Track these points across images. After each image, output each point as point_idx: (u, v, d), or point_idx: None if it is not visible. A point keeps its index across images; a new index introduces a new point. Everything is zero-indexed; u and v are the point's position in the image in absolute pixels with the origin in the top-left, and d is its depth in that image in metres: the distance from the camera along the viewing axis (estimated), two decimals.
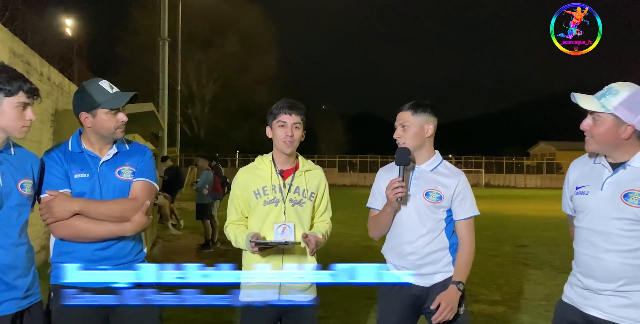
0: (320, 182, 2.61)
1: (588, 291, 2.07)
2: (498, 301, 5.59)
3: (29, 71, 6.71)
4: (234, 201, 2.56)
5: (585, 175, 2.14)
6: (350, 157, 49.54)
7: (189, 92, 43.50)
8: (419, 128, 2.52)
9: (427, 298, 2.49)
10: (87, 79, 8.71)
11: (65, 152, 2.29)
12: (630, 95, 1.94)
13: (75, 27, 23.44)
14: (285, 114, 2.49)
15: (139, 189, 2.28)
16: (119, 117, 2.26)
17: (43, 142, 7.28)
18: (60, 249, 2.24)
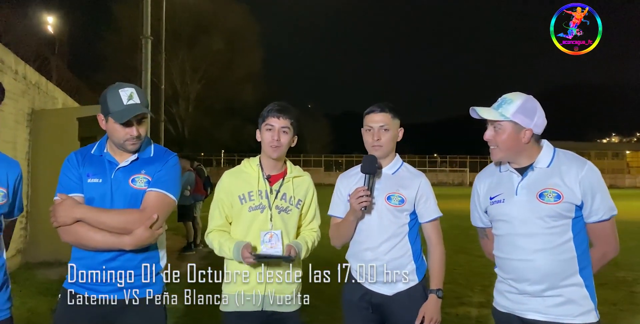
0: (308, 189, 2.51)
1: (523, 296, 2.11)
2: (483, 303, 5.54)
3: (3, 69, 6.50)
4: (218, 205, 2.45)
5: (495, 185, 2.23)
6: (336, 156, 49.61)
7: (173, 90, 43.06)
8: (396, 132, 2.47)
9: (389, 307, 2.40)
10: (65, 77, 8.50)
11: (85, 155, 2.21)
12: (523, 102, 2.10)
13: (54, 25, 23.02)
14: (273, 117, 2.39)
15: (150, 200, 2.15)
16: (128, 131, 2.14)
17: (18, 143, 7.06)
18: (74, 254, 2.19)
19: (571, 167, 2.09)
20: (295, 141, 2.47)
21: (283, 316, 2.39)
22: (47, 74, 9.37)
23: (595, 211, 2.08)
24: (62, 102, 9.99)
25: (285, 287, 2.37)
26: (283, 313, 2.39)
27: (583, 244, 2.10)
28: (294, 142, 2.47)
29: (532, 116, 2.10)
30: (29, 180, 7.50)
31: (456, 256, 8.51)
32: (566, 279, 2.05)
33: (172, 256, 8.39)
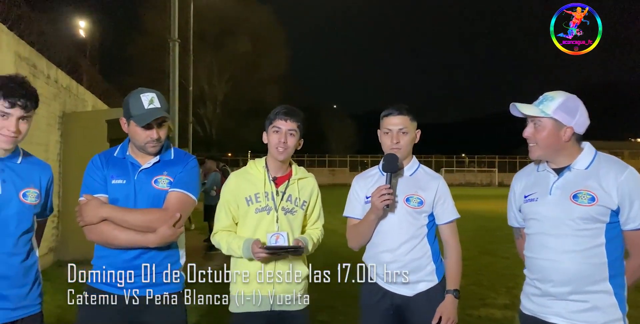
0: (312, 191, 2.55)
1: (547, 298, 2.08)
2: (507, 305, 5.47)
3: (36, 74, 6.73)
4: (224, 206, 2.48)
5: (531, 184, 2.20)
6: (362, 156, 49.41)
7: (201, 92, 43.69)
8: (414, 135, 2.48)
9: (409, 307, 2.42)
10: (94, 80, 8.73)
11: (109, 157, 2.30)
12: (565, 100, 2.07)
13: (85, 29, 23.61)
14: (280, 119, 2.43)
15: (172, 200, 2.24)
16: (149, 134, 2.23)
17: (50, 145, 7.30)
18: (97, 252, 2.27)
19: (610, 170, 2.03)
20: (301, 143, 2.50)
21: (291, 314, 2.42)
22: (78, 78, 9.65)
23: (632, 218, 2.01)
24: (92, 105, 10.27)
25: (292, 286, 2.40)
26: (291, 311, 2.42)
27: (617, 251, 2.04)
28: (300, 145, 2.50)
29: (574, 114, 2.06)
30: (60, 181, 7.74)
31: (481, 258, 8.43)
32: (594, 284, 2.00)
33: (199, 255, 8.54)
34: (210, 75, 45.58)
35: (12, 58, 5.90)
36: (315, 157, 47.91)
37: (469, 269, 7.23)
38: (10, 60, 5.83)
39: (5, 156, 2.10)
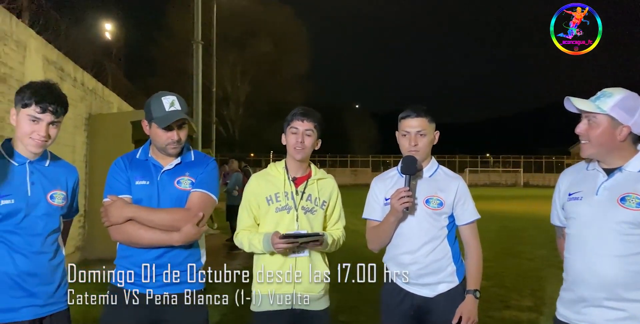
0: (332, 191, 2.56)
1: (582, 305, 2.00)
2: (530, 307, 5.41)
3: (63, 77, 6.90)
4: (246, 206, 2.54)
5: (577, 182, 2.10)
6: (384, 156, 49.21)
7: (224, 93, 44.10)
8: (433, 136, 2.47)
9: (430, 308, 2.41)
10: (120, 82, 8.93)
11: (132, 159, 2.36)
12: (624, 97, 1.97)
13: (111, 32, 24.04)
14: (297, 120, 2.47)
15: (194, 200, 2.29)
16: (169, 135, 2.28)
17: (77, 146, 7.47)
18: (120, 252, 2.32)
19: None
20: (319, 144, 2.53)
21: (312, 314, 2.44)
22: (103, 80, 9.86)
23: None
24: (117, 107, 10.47)
25: (312, 286, 2.42)
26: (312, 311, 2.44)
27: None
28: (318, 145, 2.53)
29: (633, 113, 1.95)
30: (86, 181, 7.92)
31: (504, 259, 8.32)
32: (633, 292, 1.90)
33: (221, 254, 8.64)
34: (233, 77, 45.96)
35: (40, 62, 6.06)
36: (337, 157, 47.91)
37: (492, 271, 7.14)
38: (39, 64, 6.00)
39: (34, 159, 2.16)
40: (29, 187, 2.12)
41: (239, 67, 45.34)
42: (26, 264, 2.08)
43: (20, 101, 2.08)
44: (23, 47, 5.52)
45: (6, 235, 2.06)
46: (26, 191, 2.11)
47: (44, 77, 6.07)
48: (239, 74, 46.01)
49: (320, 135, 2.52)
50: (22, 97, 2.07)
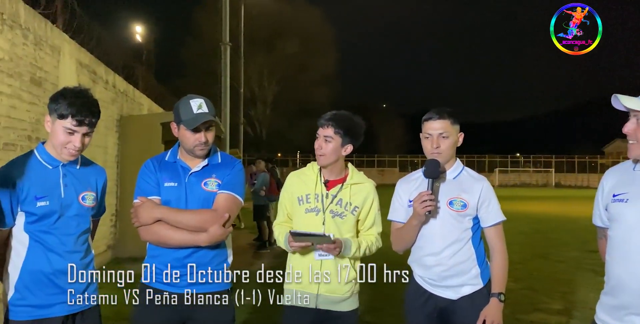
0: (367, 197, 2.53)
1: (623, 312, 1.91)
2: (561, 310, 5.31)
3: (95, 80, 7.09)
4: (282, 202, 2.62)
5: (624, 183, 2.00)
6: (412, 156, 48.87)
7: (251, 94, 44.48)
8: (456, 138, 2.44)
9: (453, 311, 2.40)
10: (151, 84, 9.07)
11: (161, 161, 2.41)
12: None
13: (141, 34, 24.52)
14: (320, 126, 2.50)
15: (221, 201, 2.33)
16: (197, 137, 2.32)
17: (109, 147, 7.66)
18: (150, 252, 2.38)
19: None
20: (346, 150, 2.50)
21: (338, 314, 2.46)
22: (134, 82, 10.07)
23: None
24: (148, 108, 10.68)
25: (337, 287, 2.44)
26: (338, 312, 2.46)
27: None
28: (346, 151, 2.50)
29: None
30: (117, 181, 8.11)
31: (534, 261, 8.18)
32: None
33: (248, 254, 8.73)
34: (261, 77, 46.31)
35: (74, 65, 6.24)
36: (364, 157, 47.80)
37: (521, 273, 7.03)
38: (72, 68, 6.17)
39: (67, 162, 2.24)
40: (62, 189, 2.20)
41: (266, 67, 45.64)
42: (60, 262, 2.16)
43: (55, 111, 2.14)
44: (57, 52, 5.70)
45: (41, 235, 2.15)
46: (60, 193, 2.19)
47: (77, 81, 6.26)
48: (267, 74, 46.32)
49: (350, 141, 2.48)
50: (57, 108, 2.13)
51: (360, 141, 2.54)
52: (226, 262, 2.41)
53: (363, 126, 2.55)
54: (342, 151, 2.49)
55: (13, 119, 4.51)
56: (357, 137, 2.51)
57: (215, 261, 2.36)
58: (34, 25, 5.01)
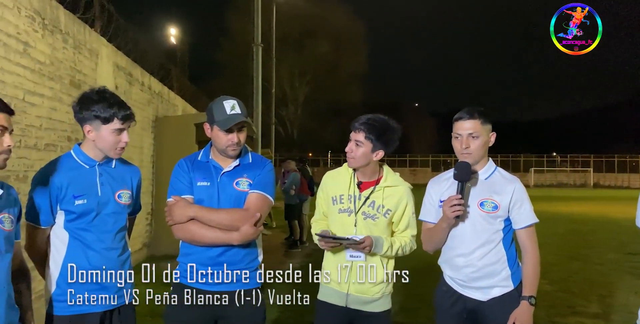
0: (400, 200, 2.51)
1: None
2: (598, 314, 5.17)
3: (131, 82, 7.27)
4: (318, 202, 2.67)
5: None
6: (444, 156, 48.25)
7: (283, 94, 44.77)
8: (487, 138, 2.40)
9: (483, 312, 2.38)
10: (185, 86, 9.23)
11: (194, 161, 2.47)
12: None
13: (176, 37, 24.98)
14: (353, 130, 2.50)
15: (252, 201, 2.38)
16: (230, 138, 2.37)
17: (144, 147, 7.84)
18: (183, 250, 2.44)
19: None
20: (377, 155, 2.48)
21: (369, 314, 2.48)
22: (169, 84, 10.28)
23: None
24: (182, 109, 10.89)
25: (367, 288, 2.45)
26: (369, 312, 2.48)
27: None
28: (377, 156, 2.49)
29: None
30: (153, 180, 8.29)
31: (571, 263, 7.98)
32: None
33: (279, 253, 8.79)
34: (292, 77, 46.56)
35: (111, 68, 6.42)
36: (396, 157, 47.44)
37: (557, 275, 6.88)
38: (109, 70, 6.35)
39: (103, 161, 2.32)
40: (99, 188, 2.27)
41: (297, 67, 45.86)
42: (98, 259, 2.23)
43: (96, 118, 2.20)
44: (95, 55, 5.87)
45: (80, 232, 2.23)
46: (97, 192, 2.26)
47: (115, 83, 6.44)
48: (298, 74, 46.55)
49: (381, 147, 2.47)
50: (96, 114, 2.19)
51: (393, 147, 2.52)
52: (257, 260, 2.45)
53: (398, 132, 2.52)
54: (373, 156, 2.49)
55: (54, 120, 4.68)
56: (389, 144, 2.49)
57: (246, 260, 2.40)
58: (73, 29, 5.18)
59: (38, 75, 4.39)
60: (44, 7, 4.51)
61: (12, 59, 3.94)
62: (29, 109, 4.23)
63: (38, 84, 4.39)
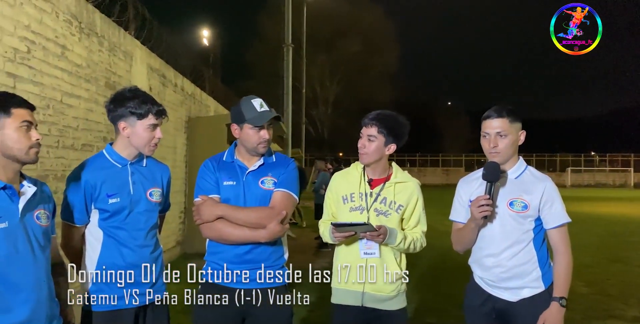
0: (411, 196, 2.52)
1: None
2: (637, 317, 5.00)
3: (165, 83, 7.42)
4: (327, 202, 2.66)
5: None
6: (478, 155, 47.47)
7: (313, 94, 44.87)
8: (516, 137, 2.36)
9: (512, 313, 2.33)
10: (217, 87, 9.35)
11: (219, 161, 2.52)
12: None
13: (208, 38, 25.34)
14: (363, 125, 2.51)
15: (277, 199, 2.41)
16: (262, 134, 2.41)
17: (178, 147, 7.99)
18: (210, 249, 2.48)
19: None
20: (390, 149, 2.49)
21: (385, 313, 2.47)
22: (201, 85, 10.44)
23: None
24: (214, 110, 11.04)
25: (383, 286, 2.44)
26: (385, 310, 2.47)
27: None
28: (389, 150, 2.49)
29: None
30: (186, 180, 8.44)
31: (610, 266, 7.74)
32: None
33: (310, 252, 8.82)
34: (322, 77, 46.60)
35: (145, 70, 6.56)
36: (428, 156, 46.93)
37: (595, 277, 6.69)
38: (143, 72, 6.50)
39: (134, 160, 2.37)
40: (131, 186, 2.32)
41: (328, 67, 45.87)
42: (132, 256, 2.29)
43: (131, 114, 2.26)
44: (130, 57, 6.02)
45: (114, 230, 2.28)
46: (129, 190, 2.31)
47: (149, 84, 6.58)
48: (328, 74, 46.55)
49: (393, 141, 2.48)
50: (132, 110, 2.26)
51: (403, 141, 2.53)
52: (282, 258, 2.48)
53: (407, 126, 2.53)
54: (386, 150, 2.49)
55: (90, 121, 4.82)
56: (400, 137, 2.50)
57: (272, 258, 2.43)
58: (108, 32, 5.32)
59: (75, 77, 4.52)
60: (81, 11, 4.65)
61: (50, 62, 4.08)
62: (67, 110, 4.37)
63: (75, 86, 4.52)
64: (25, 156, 1.89)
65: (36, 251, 1.91)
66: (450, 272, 2.29)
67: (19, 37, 3.65)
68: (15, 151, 1.86)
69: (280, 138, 22.13)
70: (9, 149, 1.86)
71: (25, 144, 1.87)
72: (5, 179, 1.87)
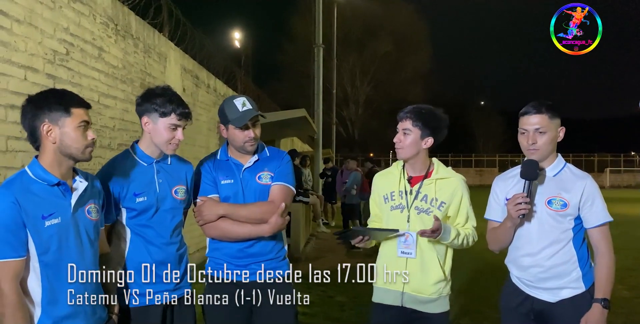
0: (454, 192, 2.45)
1: None
2: None
3: (198, 84, 7.52)
4: (371, 203, 2.67)
5: None
6: (512, 155, 46.53)
7: (344, 94, 44.82)
8: (555, 133, 2.28)
9: (552, 314, 2.26)
10: (248, 87, 9.45)
11: (214, 161, 2.55)
12: None
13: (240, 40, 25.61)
14: (399, 119, 2.48)
15: (276, 192, 2.45)
16: (247, 134, 2.43)
17: (210, 147, 8.08)
18: (212, 245, 2.52)
19: None
20: (427, 143, 2.44)
21: (425, 315, 2.42)
22: (233, 86, 10.55)
23: None
24: None
25: (423, 287, 2.40)
26: (425, 313, 2.42)
27: None
28: (426, 144, 2.44)
29: None
30: None
31: None
32: None
33: (341, 252, 8.78)
34: (353, 77, 46.50)
35: (179, 71, 6.67)
36: (461, 156, 46.24)
37: (637, 281, 6.44)
38: (177, 73, 6.61)
39: (159, 158, 2.39)
40: (157, 185, 2.34)
41: (358, 67, 45.75)
42: (158, 254, 2.31)
43: (155, 111, 2.28)
44: (164, 58, 6.13)
45: (141, 229, 2.31)
46: (155, 189, 2.33)
47: (182, 85, 6.68)
48: (359, 74, 46.42)
49: (430, 134, 2.43)
50: (156, 107, 2.28)
51: (442, 134, 2.47)
52: (283, 250, 2.52)
53: (445, 119, 2.47)
54: (422, 144, 2.44)
55: (126, 121, 4.92)
56: (437, 130, 2.45)
57: (275, 250, 2.47)
58: (143, 34, 5.42)
59: (111, 78, 4.63)
60: (117, 13, 4.75)
61: (88, 63, 4.18)
62: (103, 110, 4.47)
63: (111, 87, 4.63)
64: (81, 155, 1.96)
65: (85, 245, 1.98)
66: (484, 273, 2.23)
67: (58, 39, 3.75)
68: (73, 149, 1.93)
69: (311, 138, 22.20)
70: (67, 147, 1.92)
71: (83, 143, 1.95)
72: (59, 176, 1.94)
